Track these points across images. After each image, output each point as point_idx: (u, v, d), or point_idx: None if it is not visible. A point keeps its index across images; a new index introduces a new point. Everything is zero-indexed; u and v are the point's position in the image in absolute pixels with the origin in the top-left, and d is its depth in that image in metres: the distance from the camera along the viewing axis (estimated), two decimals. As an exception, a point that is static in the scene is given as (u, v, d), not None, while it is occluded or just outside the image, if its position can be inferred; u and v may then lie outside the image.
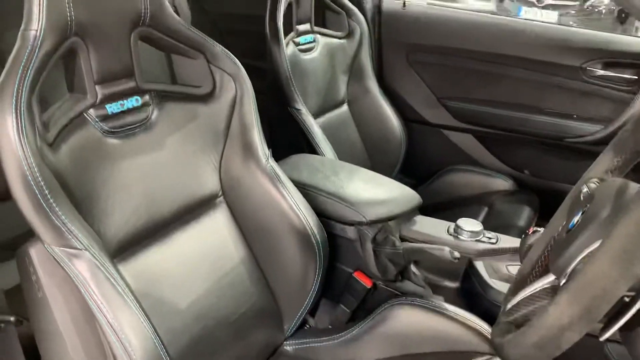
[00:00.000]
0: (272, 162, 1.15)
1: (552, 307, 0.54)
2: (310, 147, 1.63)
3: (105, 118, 0.94)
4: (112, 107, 0.95)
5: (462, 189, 1.88)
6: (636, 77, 1.65)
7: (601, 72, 1.68)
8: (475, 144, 1.97)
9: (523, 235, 1.12)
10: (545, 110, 1.80)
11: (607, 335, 0.57)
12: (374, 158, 1.95)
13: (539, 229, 1.10)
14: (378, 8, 1.99)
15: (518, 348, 0.60)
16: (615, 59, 1.66)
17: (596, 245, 0.59)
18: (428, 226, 1.32)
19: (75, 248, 0.80)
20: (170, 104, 1.07)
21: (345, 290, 1.29)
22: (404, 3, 1.95)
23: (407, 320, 1.14)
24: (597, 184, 0.77)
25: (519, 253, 1.12)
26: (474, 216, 1.68)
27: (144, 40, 1.01)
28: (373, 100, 1.93)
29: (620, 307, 0.57)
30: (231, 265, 1.14)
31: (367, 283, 1.26)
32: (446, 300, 1.19)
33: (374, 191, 1.32)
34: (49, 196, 0.77)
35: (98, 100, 0.93)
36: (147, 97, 1.02)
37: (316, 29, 1.79)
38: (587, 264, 0.53)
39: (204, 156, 1.13)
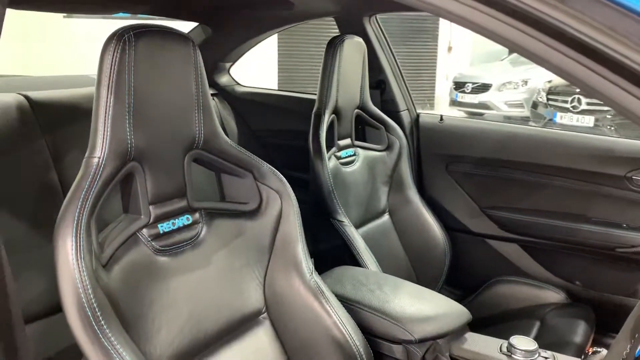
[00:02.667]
0: (316, 277, 1.15)
1: None
2: (352, 259, 1.62)
3: (157, 237, 0.97)
4: (164, 226, 0.99)
5: (511, 302, 1.80)
6: (685, 185, 1.61)
7: (648, 181, 1.66)
8: (522, 254, 1.92)
9: (583, 356, 1.05)
10: (593, 220, 1.76)
11: None
12: (418, 269, 1.91)
13: (599, 349, 1.03)
14: (416, 122, 2.06)
15: None
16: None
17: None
18: (479, 344, 1.26)
19: None
20: (218, 220, 1.11)
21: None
22: (441, 117, 2.01)
23: None
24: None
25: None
26: (526, 332, 1.59)
27: (196, 161, 1.07)
28: (414, 210, 1.93)
29: None
30: None
31: (417, 407, 1.18)
32: None
33: (421, 307, 1.28)
34: (100, 317, 0.78)
35: (151, 220, 0.96)
36: (197, 215, 1.06)
37: (357, 143, 1.85)
38: None
39: (250, 271, 1.14)
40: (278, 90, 2.39)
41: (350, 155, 1.82)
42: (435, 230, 1.91)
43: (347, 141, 1.82)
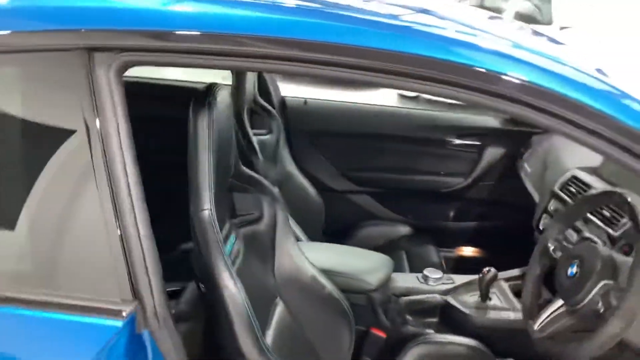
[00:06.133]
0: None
1: (612, 322, 1.04)
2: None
3: None
4: None
5: (377, 239, 2.38)
6: (479, 143, 2.38)
7: (457, 141, 2.38)
8: (373, 203, 2.50)
9: (480, 275, 1.66)
10: (423, 171, 2.43)
11: None
12: (303, 226, 2.33)
13: (492, 269, 1.65)
14: (282, 105, 2.39)
15: (585, 350, 1.09)
16: (467, 131, 2.37)
17: (603, 283, 1.13)
18: (403, 280, 1.79)
19: None
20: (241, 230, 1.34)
21: (365, 346, 1.66)
22: (305, 101, 2.40)
23: (427, 353, 1.57)
24: (564, 243, 1.34)
25: (480, 286, 1.66)
26: (399, 260, 2.20)
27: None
28: (293, 179, 2.31)
29: None
30: None
31: (383, 334, 1.66)
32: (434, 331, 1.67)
33: (366, 262, 1.73)
34: None
35: None
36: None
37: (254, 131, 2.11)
38: (623, 299, 1.05)
39: (268, 266, 1.42)
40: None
41: (249, 143, 2.08)
42: (311, 193, 2.34)
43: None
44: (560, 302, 1.26)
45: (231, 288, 1.00)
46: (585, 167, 1.79)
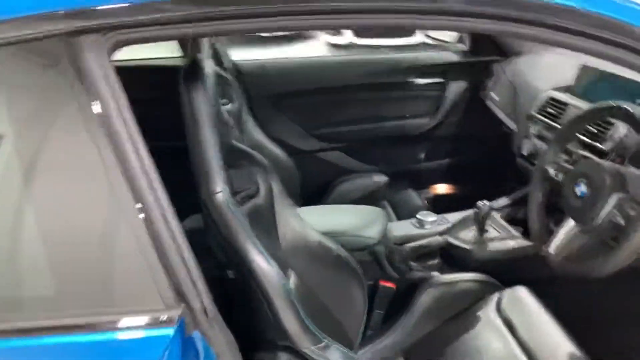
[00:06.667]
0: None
1: (632, 235, 1.07)
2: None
3: None
4: None
5: (356, 193, 2.35)
6: (442, 80, 2.37)
7: (419, 81, 2.36)
8: (345, 157, 2.46)
9: (475, 210, 1.67)
10: (391, 117, 2.40)
11: None
12: None
13: (485, 202, 1.67)
14: (238, 71, 2.27)
15: (611, 264, 1.12)
16: (427, 69, 2.34)
17: (616, 196, 1.15)
18: (400, 228, 1.78)
19: None
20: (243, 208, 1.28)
21: (376, 299, 1.65)
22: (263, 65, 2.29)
23: (438, 295, 1.58)
24: (563, 164, 1.35)
25: (476, 221, 1.67)
26: (383, 209, 2.19)
27: None
28: (260, 145, 2.23)
29: None
30: None
31: (392, 285, 1.65)
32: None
33: (361, 218, 1.70)
34: None
35: None
36: None
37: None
38: None
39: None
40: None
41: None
42: (283, 159, 2.26)
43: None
44: (571, 222, 1.28)
45: (265, 267, 0.94)
46: (559, 87, 1.81)
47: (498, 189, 1.95)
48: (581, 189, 1.25)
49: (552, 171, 1.38)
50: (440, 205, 2.39)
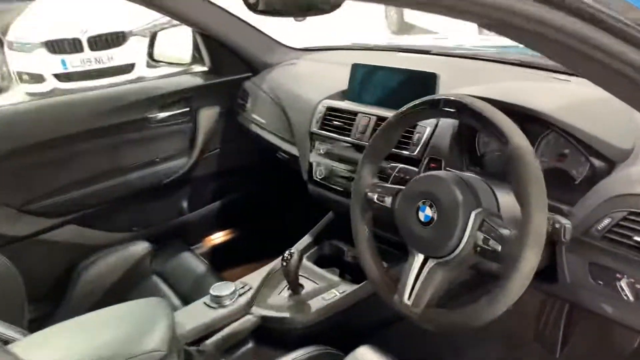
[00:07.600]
0: None
1: (525, 254, 0.79)
2: None
3: None
4: None
5: (111, 276, 1.73)
6: (187, 109, 1.91)
7: (162, 115, 1.86)
8: (82, 231, 1.81)
9: (283, 264, 1.30)
10: (134, 166, 1.85)
11: None
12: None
13: (292, 250, 1.30)
14: None
15: (501, 304, 0.83)
16: (167, 99, 1.86)
17: (474, 213, 0.88)
18: (191, 317, 1.28)
19: None
20: None
21: None
22: None
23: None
24: (387, 186, 1.05)
25: (286, 276, 1.31)
26: (155, 287, 1.65)
27: None
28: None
29: None
30: None
31: None
32: None
33: (133, 324, 1.15)
34: None
35: None
36: None
37: None
38: (523, 224, 0.80)
39: None
40: None
41: None
42: None
43: None
44: (421, 258, 0.98)
45: None
46: (331, 95, 1.55)
47: (287, 227, 1.60)
48: (425, 212, 0.96)
49: (375, 196, 1.07)
50: (225, 259, 1.96)
